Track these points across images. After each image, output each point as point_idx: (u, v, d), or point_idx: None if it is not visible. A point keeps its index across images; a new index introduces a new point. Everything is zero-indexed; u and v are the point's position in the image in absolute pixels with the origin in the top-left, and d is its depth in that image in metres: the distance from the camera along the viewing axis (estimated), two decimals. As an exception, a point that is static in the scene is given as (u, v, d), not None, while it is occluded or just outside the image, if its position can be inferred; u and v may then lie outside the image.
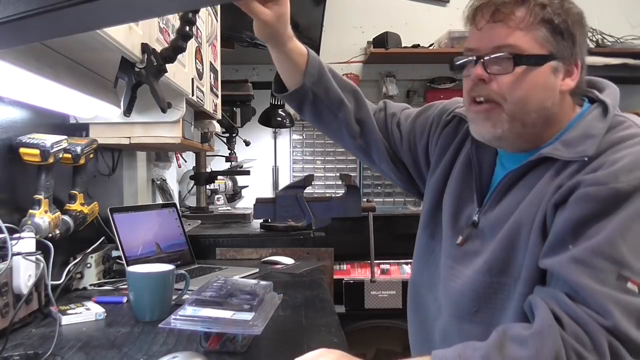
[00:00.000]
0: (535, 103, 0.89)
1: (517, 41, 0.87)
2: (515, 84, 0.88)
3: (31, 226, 1.16)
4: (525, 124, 0.89)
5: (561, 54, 0.89)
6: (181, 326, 0.92)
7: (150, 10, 0.53)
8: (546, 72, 0.88)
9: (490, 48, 0.88)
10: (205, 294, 0.99)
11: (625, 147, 0.83)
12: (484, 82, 0.89)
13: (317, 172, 3.46)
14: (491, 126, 0.90)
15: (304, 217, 2.07)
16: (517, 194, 0.91)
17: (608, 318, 0.74)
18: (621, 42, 3.29)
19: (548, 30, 0.87)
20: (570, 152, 0.86)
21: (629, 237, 0.77)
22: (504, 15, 0.87)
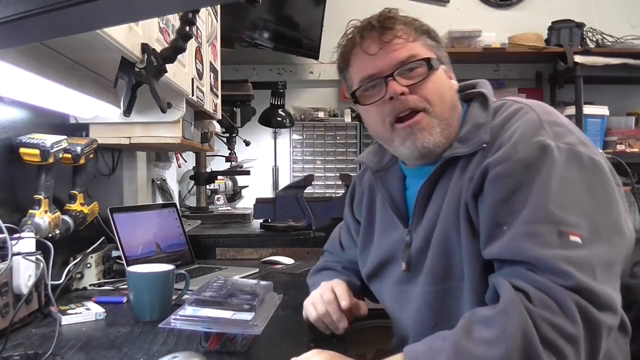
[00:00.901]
0: (448, 100, 0.95)
1: (415, 51, 0.94)
2: (432, 86, 0.94)
3: (31, 226, 1.16)
4: (448, 124, 0.95)
5: (444, 58, 0.98)
6: (181, 326, 0.92)
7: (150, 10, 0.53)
8: (441, 73, 0.97)
9: (394, 65, 0.93)
10: (205, 294, 0.99)
11: (513, 123, 0.88)
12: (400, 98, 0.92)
13: (317, 172, 3.46)
14: (428, 134, 0.93)
15: (304, 217, 2.07)
16: (436, 201, 0.96)
17: (568, 279, 0.75)
18: (621, 42, 3.29)
19: (429, 38, 0.97)
20: (469, 146, 0.91)
21: (552, 196, 0.80)
22: (391, 34, 0.94)
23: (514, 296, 0.76)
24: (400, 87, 0.92)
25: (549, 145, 0.83)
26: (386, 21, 0.95)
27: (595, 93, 3.27)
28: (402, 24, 0.95)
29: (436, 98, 0.93)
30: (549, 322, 0.73)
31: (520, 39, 3.21)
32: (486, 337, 0.74)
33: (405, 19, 0.96)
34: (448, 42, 3.12)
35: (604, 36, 3.32)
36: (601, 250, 0.79)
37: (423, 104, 0.93)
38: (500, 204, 0.83)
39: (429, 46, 0.96)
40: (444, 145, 0.95)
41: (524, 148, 0.83)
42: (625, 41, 3.30)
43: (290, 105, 3.44)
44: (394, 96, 0.92)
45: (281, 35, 3.14)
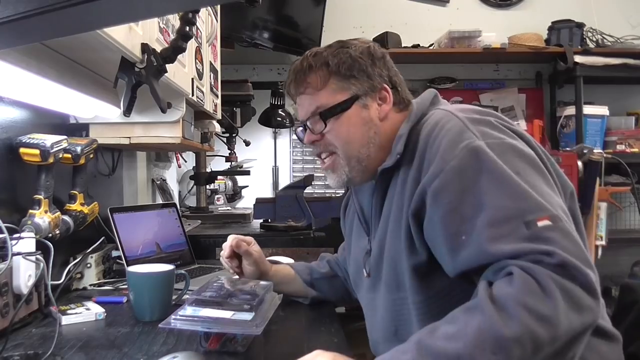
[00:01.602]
0: (359, 139, 1.00)
1: (320, 102, 1.01)
2: (335, 134, 1.00)
3: (31, 226, 1.16)
4: (360, 160, 1.01)
5: (362, 90, 1.00)
6: (181, 326, 0.92)
7: (150, 10, 0.53)
8: (356, 111, 1.00)
9: (305, 117, 1.03)
10: (205, 294, 0.99)
11: (437, 133, 0.89)
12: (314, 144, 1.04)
13: (317, 172, 3.45)
14: (337, 176, 1.03)
15: (304, 217, 2.07)
16: (385, 211, 1.00)
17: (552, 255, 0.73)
18: (621, 42, 3.29)
19: (338, 79, 1.00)
20: (391, 157, 0.96)
21: (502, 192, 0.79)
22: (302, 88, 1.03)
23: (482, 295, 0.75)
24: (310, 137, 1.03)
25: (479, 146, 0.83)
26: (298, 74, 1.03)
27: (595, 93, 3.27)
28: (311, 72, 1.01)
29: (341, 143, 1.01)
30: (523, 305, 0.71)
31: (520, 39, 3.21)
32: (447, 333, 0.74)
33: (316, 63, 1.01)
34: (448, 42, 3.13)
35: (604, 36, 3.31)
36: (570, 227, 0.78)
37: (330, 147, 1.02)
38: (449, 216, 0.82)
39: (339, 88, 1.00)
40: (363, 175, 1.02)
41: (454, 156, 0.84)
42: (625, 41, 3.30)
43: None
44: (307, 143, 1.05)
45: (281, 35, 3.14)
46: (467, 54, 3.16)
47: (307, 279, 1.30)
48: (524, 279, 0.73)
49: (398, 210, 0.94)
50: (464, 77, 3.38)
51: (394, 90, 1.03)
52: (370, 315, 1.08)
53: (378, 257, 1.01)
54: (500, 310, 0.71)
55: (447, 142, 0.86)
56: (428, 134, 0.91)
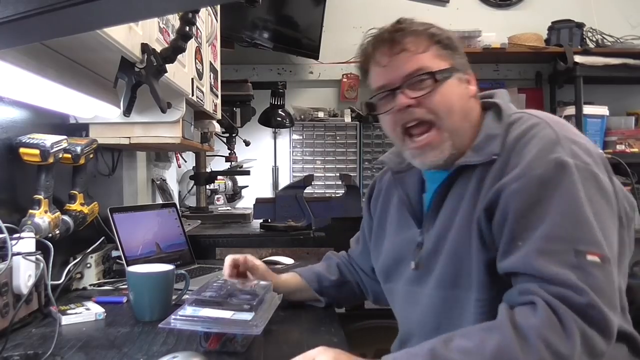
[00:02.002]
0: (458, 110, 0.96)
1: (423, 63, 0.95)
2: (439, 99, 0.94)
3: (31, 226, 1.16)
4: (459, 134, 0.96)
5: (459, 65, 0.98)
6: (181, 326, 0.92)
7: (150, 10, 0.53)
8: (455, 82, 0.97)
9: (402, 77, 0.95)
10: (205, 294, 0.99)
11: (529, 138, 0.88)
12: (407, 110, 0.95)
13: (317, 172, 3.46)
14: (439, 153, 0.96)
15: (304, 217, 2.07)
16: (449, 206, 0.97)
17: (582, 294, 0.75)
18: (621, 42, 3.28)
19: (440, 48, 0.97)
20: (480, 156, 0.92)
21: (570, 214, 0.80)
22: (400, 47, 0.95)
23: (503, 318, 0.77)
24: (406, 100, 0.95)
25: (566, 163, 0.83)
26: (396, 34, 0.96)
27: (595, 93, 3.27)
28: (412, 35, 0.96)
29: (443, 110, 0.95)
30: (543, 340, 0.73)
31: (520, 39, 3.21)
32: (463, 347, 0.75)
33: (417, 29, 0.96)
34: (448, 42, 3.12)
35: (604, 36, 3.31)
36: (614, 272, 0.79)
37: (430, 116, 0.95)
38: (516, 220, 0.83)
39: (440, 56, 0.96)
40: (454, 156, 0.96)
41: (541, 165, 0.83)
42: (625, 41, 3.30)
43: (290, 105, 3.44)
44: (401, 108, 0.95)
45: (281, 35, 3.14)
46: (466, 54, 3.15)
47: (316, 287, 1.26)
48: (547, 314, 0.75)
49: (470, 206, 0.92)
50: (464, 77, 3.39)
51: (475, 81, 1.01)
52: (407, 307, 1.05)
53: (432, 252, 0.98)
54: (521, 338, 0.74)
55: (537, 150, 0.85)
56: (518, 138, 0.89)
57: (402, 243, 1.07)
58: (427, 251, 0.99)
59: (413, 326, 1.03)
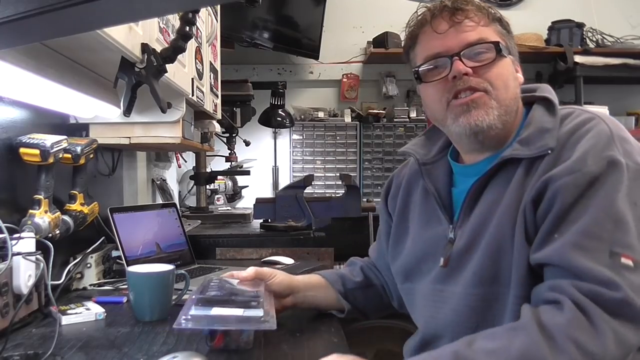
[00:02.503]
0: (512, 89, 0.94)
1: (486, 35, 0.94)
2: (497, 71, 0.93)
3: (31, 226, 1.16)
4: (507, 112, 0.94)
5: (512, 49, 0.97)
6: (194, 326, 0.89)
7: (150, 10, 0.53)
8: (509, 62, 0.96)
9: (462, 45, 0.93)
10: (209, 293, 0.99)
11: (583, 133, 0.86)
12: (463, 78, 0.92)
13: (317, 172, 3.46)
14: (484, 113, 0.92)
15: (304, 217, 2.07)
16: (487, 200, 0.93)
17: (616, 289, 0.74)
18: (621, 42, 3.29)
19: (501, 25, 0.97)
20: (532, 149, 0.89)
21: (612, 213, 0.79)
22: (463, 15, 0.93)
23: (528, 319, 0.76)
24: (464, 67, 0.92)
25: (619, 162, 0.82)
26: (459, 2, 0.94)
27: (595, 93, 3.27)
28: (475, 7, 0.94)
29: (500, 83, 0.93)
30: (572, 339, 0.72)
31: (520, 39, 3.21)
32: (487, 348, 0.74)
33: (480, 3, 0.95)
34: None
35: (604, 36, 3.32)
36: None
37: (485, 84, 0.92)
38: (559, 213, 0.82)
39: (500, 33, 0.96)
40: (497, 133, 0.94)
41: (594, 161, 0.82)
42: (625, 41, 3.30)
43: (290, 105, 3.45)
44: (457, 75, 0.92)
45: (281, 35, 3.14)
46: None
47: (340, 289, 1.20)
48: (574, 313, 0.74)
49: (515, 199, 0.88)
50: (464, 77, 3.38)
51: None
52: (432, 307, 1.00)
53: (466, 248, 0.94)
54: (548, 339, 0.72)
55: (591, 146, 0.83)
56: (572, 131, 0.87)
57: (428, 240, 1.02)
58: (459, 248, 0.95)
59: (440, 327, 0.98)
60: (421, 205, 1.07)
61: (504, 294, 0.88)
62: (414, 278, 1.05)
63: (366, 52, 3.47)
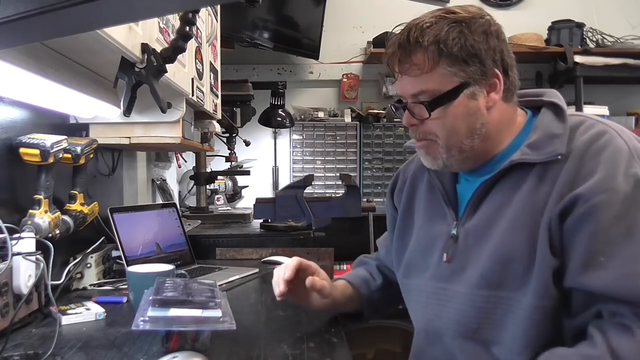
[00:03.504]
0: (463, 131, 0.93)
1: (425, 86, 0.91)
2: (439, 123, 0.93)
3: (31, 226, 1.16)
4: (462, 150, 0.94)
5: (472, 77, 0.91)
6: (151, 327, 0.88)
7: (150, 10, 0.53)
8: (463, 101, 0.92)
9: (409, 96, 0.94)
10: (166, 294, 0.97)
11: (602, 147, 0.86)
12: (412, 127, 0.96)
13: (317, 172, 3.46)
14: (432, 159, 0.97)
15: (304, 217, 2.07)
16: (494, 201, 0.94)
17: None
18: (621, 42, 3.29)
19: (449, 64, 0.90)
20: (541, 154, 0.88)
21: None
22: (408, 62, 0.92)
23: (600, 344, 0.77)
24: (410, 120, 0.96)
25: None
26: (407, 46, 0.91)
27: (595, 93, 3.27)
28: (419, 51, 0.90)
29: (444, 134, 0.94)
30: None
31: (520, 39, 3.21)
32: None
33: (426, 41, 0.89)
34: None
35: (604, 36, 3.32)
36: None
37: (430, 136, 0.95)
38: (598, 233, 0.81)
39: (448, 74, 0.90)
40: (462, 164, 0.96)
41: (624, 180, 0.82)
42: (625, 41, 3.30)
43: (290, 105, 3.45)
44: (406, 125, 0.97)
45: (281, 35, 3.14)
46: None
47: (366, 292, 1.21)
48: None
49: (530, 208, 0.88)
50: (464, 77, 3.38)
51: (505, 76, 0.93)
52: (436, 305, 1.00)
53: (469, 247, 0.95)
54: None
55: (616, 163, 0.83)
56: (589, 142, 0.87)
57: (432, 234, 1.03)
58: (463, 246, 0.96)
59: (444, 325, 0.98)
60: (426, 200, 1.07)
61: (512, 299, 0.88)
62: (416, 274, 1.06)
63: (366, 52, 3.47)
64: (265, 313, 1.22)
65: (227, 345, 0.99)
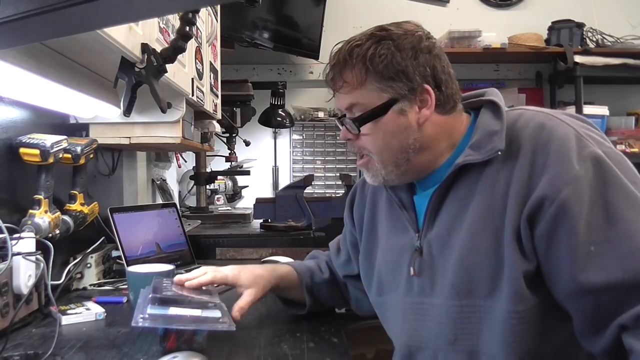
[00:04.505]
0: (396, 147, 0.93)
1: (356, 100, 0.94)
2: (370, 139, 0.94)
3: (31, 226, 1.16)
4: (398, 164, 0.95)
5: (400, 94, 0.91)
6: (151, 324, 0.88)
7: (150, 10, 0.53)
8: (392, 117, 0.92)
9: (344, 110, 0.97)
10: (165, 293, 0.97)
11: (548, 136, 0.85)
12: (349, 141, 0.98)
13: (317, 172, 3.46)
14: (372, 176, 0.98)
15: (304, 217, 2.07)
16: (450, 209, 0.92)
17: None
18: (621, 42, 3.29)
19: (376, 80, 0.91)
20: (482, 153, 0.88)
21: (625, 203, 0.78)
22: (338, 84, 0.95)
23: None
24: (346, 134, 0.97)
25: (600, 156, 0.81)
26: (337, 65, 0.94)
27: (595, 93, 3.27)
28: (348, 69, 0.93)
29: (376, 150, 0.95)
30: None
31: (520, 39, 3.21)
32: None
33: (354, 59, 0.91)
34: (448, 42, 3.13)
35: (604, 36, 3.32)
36: None
37: (365, 151, 0.97)
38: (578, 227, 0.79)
39: (377, 90, 0.91)
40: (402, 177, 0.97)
41: (581, 165, 0.80)
42: (625, 41, 3.30)
43: (290, 105, 3.45)
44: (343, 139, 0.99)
45: (281, 35, 3.14)
46: (467, 54, 3.17)
47: (308, 282, 1.20)
48: None
49: (487, 210, 0.86)
50: (464, 77, 3.38)
51: (438, 91, 0.92)
52: (413, 320, 0.97)
53: (434, 258, 0.93)
54: None
55: (567, 151, 0.82)
56: (535, 136, 0.85)
57: (397, 249, 1.01)
58: (428, 258, 0.94)
59: (425, 339, 0.95)
60: (387, 216, 1.06)
61: (485, 307, 0.86)
62: (389, 290, 1.03)
63: (366, 52, 3.47)
64: (265, 313, 1.22)
65: (227, 345, 1.00)
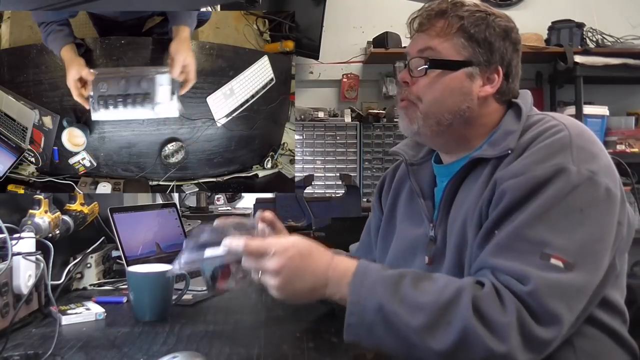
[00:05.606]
0: (448, 105, 0.96)
1: (435, 46, 0.96)
2: (429, 86, 0.97)
3: (31, 226, 1.16)
4: (440, 123, 0.97)
5: (477, 60, 0.96)
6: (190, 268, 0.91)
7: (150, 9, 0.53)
8: (461, 77, 0.96)
9: (414, 52, 0.99)
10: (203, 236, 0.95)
11: (542, 140, 0.88)
12: (407, 85, 0.99)
13: (317, 172, 3.46)
14: (408, 122, 0.99)
15: (304, 217, 2.07)
16: (460, 199, 0.96)
17: (526, 283, 0.78)
18: (621, 42, 3.29)
19: (465, 38, 0.96)
20: (495, 150, 0.92)
21: (547, 219, 0.82)
22: (425, 26, 0.98)
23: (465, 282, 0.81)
24: (405, 76, 0.98)
25: (566, 169, 0.83)
26: (429, 13, 0.97)
27: (595, 93, 3.27)
28: (444, 17, 0.96)
29: (428, 98, 0.97)
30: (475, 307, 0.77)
31: (520, 39, 3.20)
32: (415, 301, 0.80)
33: (453, 11, 0.96)
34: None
35: (604, 36, 3.32)
36: (578, 278, 0.80)
37: (413, 96, 0.98)
38: (501, 213, 0.85)
39: (459, 46, 0.95)
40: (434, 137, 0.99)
41: (542, 167, 0.84)
42: (625, 41, 3.30)
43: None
44: (400, 81, 1.00)
45: (281, 35, 3.14)
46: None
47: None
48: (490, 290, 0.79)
49: (476, 198, 0.92)
50: (464, 77, 3.38)
51: (505, 79, 0.98)
52: None
53: (444, 248, 0.98)
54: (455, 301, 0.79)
55: (544, 153, 0.86)
56: (534, 137, 0.90)
57: (413, 238, 1.05)
58: (439, 246, 0.99)
59: None
60: (407, 205, 1.10)
61: None
62: None
63: (366, 52, 3.47)
64: (265, 313, 1.22)
65: (227, 345, 1.00)
